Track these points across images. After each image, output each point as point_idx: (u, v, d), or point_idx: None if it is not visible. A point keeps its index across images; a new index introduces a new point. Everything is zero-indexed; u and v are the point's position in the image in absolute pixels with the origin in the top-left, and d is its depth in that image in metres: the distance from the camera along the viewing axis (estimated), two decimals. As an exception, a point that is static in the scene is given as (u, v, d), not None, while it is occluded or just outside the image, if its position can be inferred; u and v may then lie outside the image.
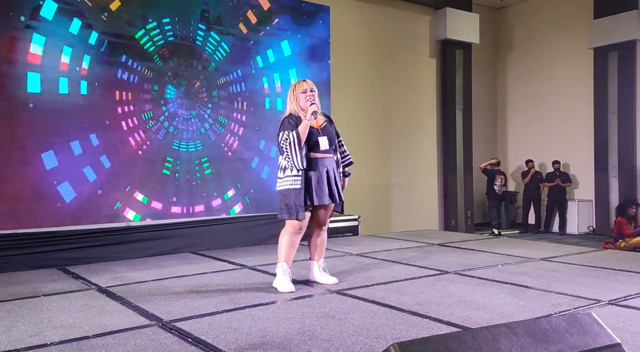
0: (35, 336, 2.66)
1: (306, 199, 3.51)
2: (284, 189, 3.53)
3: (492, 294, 3.37)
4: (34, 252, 4.50)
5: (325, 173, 3.58)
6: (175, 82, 5.30)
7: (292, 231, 3.55)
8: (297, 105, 3.58)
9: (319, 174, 3.54)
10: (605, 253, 5.14)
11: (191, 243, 5.33)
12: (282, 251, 3.57)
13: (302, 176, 3.48)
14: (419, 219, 8.59)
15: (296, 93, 3.60)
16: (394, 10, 8.50)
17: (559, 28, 9.97)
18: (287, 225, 3.57)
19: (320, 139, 3.56)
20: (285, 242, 3.56)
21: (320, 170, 3.56)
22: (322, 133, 3.59)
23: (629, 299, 3.24)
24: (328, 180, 3.59)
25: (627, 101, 8.95)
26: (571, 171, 9.82)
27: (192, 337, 2.60)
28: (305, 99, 3.57)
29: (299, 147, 3.44)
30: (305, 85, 3.62)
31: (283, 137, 3.48)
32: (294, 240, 3.58)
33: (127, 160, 5.00)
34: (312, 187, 3.51)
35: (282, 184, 3.54)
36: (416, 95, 8.81)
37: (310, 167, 3.52)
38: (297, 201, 3.48)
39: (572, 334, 1.68)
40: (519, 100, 10.71)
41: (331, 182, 3.61)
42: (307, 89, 3.60)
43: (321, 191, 3.54)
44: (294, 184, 3.49)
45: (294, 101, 3.60)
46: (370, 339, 2.52)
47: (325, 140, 3.58)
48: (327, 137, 3.60)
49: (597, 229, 9.38)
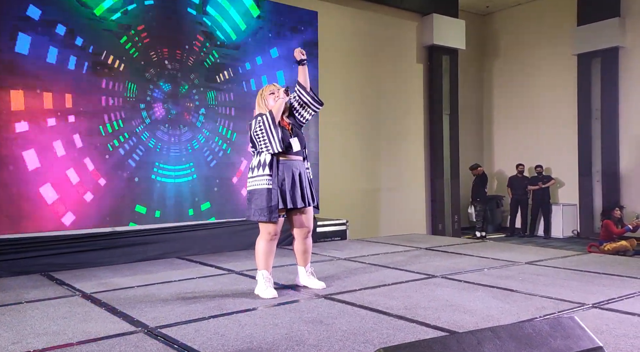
0: (18, 344, 2.62)
1: (278, 202, 3.44)
2: (255, 189, 3.44)
3: (478, 298, 3.40)
4: (17, 258, 4.43)
5: (298, 176, 3.54)
6: (161, 85, 5.28)
7: (267, 238, 3.50)
8: (267, 107, 3.57)
9: (291, 176, 3.50)
10: (589, 257, 5.20)
11: (178, 248, 5.29)
12: (260, 260, 3.54)
13: (274, 175, 3.42)
14: (406, 223, 8.63)
15: (264, 96, 3.61)
16: (381, 16, 8.56)
17: (544, 34, 10.12)
18: (262, 231, 3.51)
19: (292, 141, 3.54)
20: (262, 251, 3.51)
21: (293, 172, 3.52)
22: (292, 134, 3.58)
23: (612, 302, 3.29)
24: (300, 182, 3.55)
25: (610, 107, 9.10)
26: (555, 175, 9.94)
27: (178, 343, 2.58)
28: (274, 100, 3.57)
29: (274, 126, 3.39)
30: (272, 87, 3.64)
31: (257, 122, 3.43)
32: (270, 247, 3.53)
33: (112, 165, 4.96)
34: (284, 189, 3.46)
35: (254, 184, 3.46)
36: (403, 100, 8.87)
37: (282, 169, 3.48)
38: (270, 202, 3.40)
39: (555, 337, 1.70)
40: (505, 105, 10.83)
41: (304, 185, 3.56)
42: (274, 90, 3.61)
43: (294, 193, 3.49)
44: (266, 184, 3.42)
45: (262, 104, 3.60)
46: (357, 344, 2.53)
47: (296, 141, 3.56)
48: (297, 138, 3.59)
49: (582, 232, 9.50)
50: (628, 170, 8.98)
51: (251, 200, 3.47)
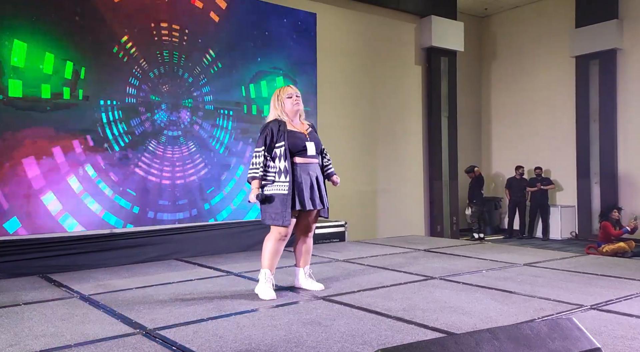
0: (16, 346, 2.61)
1: (296, 204, 3.47)
2: (274, 194, 3.48)
3: (476, 300, 3.40)
4: (15, 260, 4.42)
5: (315, 179, 3.58)
6: (159, 90, 5.28)
7: (277, 237, 3.52)
8: (283, 111, 3.57)
9: (308, 179, 3.53)
10: (588, 258, 5.21)
11: (176, 250, 5.28)
12: (265, 258, 3.54)
13: (289, 181, 3.46)
14: (405, 225, 8.63)
15: (281, 98, 3.59)
16: (379, 18, 8.57)
17: (542, 37, 10.14)
18: (273, 231, 3.54)
19: (308, 144, 3.56)
20: (270, 250, 3.53)
21: (310, 175, 3.55)
22: (309, 138, 3.60)
23: (610, 304, 3.29)
24: (318, 185, 3.59)
25: (608, 109, 9.13)
26: (554, 177, 9.96)
27: (176, 345, 2.58)
28: (291, 103, 3.58)
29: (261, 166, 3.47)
30: (291, 90, 3.62)
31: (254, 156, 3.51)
32: (278, 247, 3.55)
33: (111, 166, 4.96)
34: (303, 192, 3.48)
35: (270, 189, 3.50)
36: (402, 102, 8.88)
37: (299, 173, 3.51)
38: (285, 207, 3.45)
39: (554, 339, 1.70)
40: (503, 107, 10.85)
41: (320, 188, 3.61)
42: (292, 94, 3.60)
43: (312, 196, 3.53)
44: (282, 190, 3.46)
45: (278, 107, 3.59)
46: (356, 346, 2.53)
47: (312, 145, 3.58)
48: (314, 142, 3.61)
49: (580, 234, 9.51)
50: (626, 171, 9.00)
51: (266, 204, 3.49)
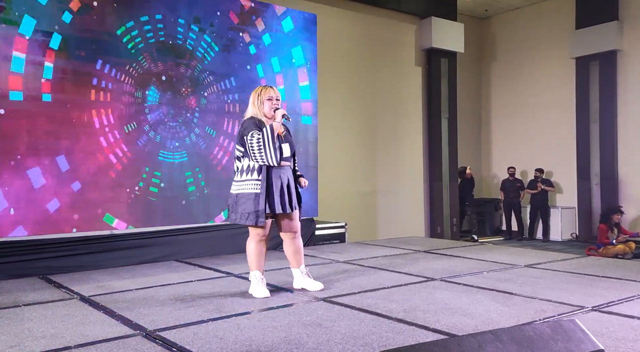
0: (16, 347, 2.60)
1: (266, 207, 3.45)
2: (243, 193, 3.45)
3: (477, 301, 3.39)
4: (15, 261, 4.41)
5: (287, 181, 3.57)
6: (160, 86, 5.27)
7: (256, 239, 3.54)
8: (261, 111, 3.55)
9: (279, 182, 3.52)
10: (588, 260, 5.20)
11: (176, 251, 5.27)
12: (252, 261, 3.58)
13: (262, 179, 3.43)
14: (405, 226, 8.63)
15: (262, 98, 3.56)
16: (380, 19, 8.57)
17: (542, 38, 10.14)
18: (251, 233, 3.56)
19: (283, 146, 3.55)
20: (252, 252, 3.56)
21: (281, 178, 3.54)
22: (284, 140, 3.58)
23: (611, 305, 3.28)
24: (289, 188, 3.58)
25: (608, 110, 9.13)
26: (554, 178, 9.96)
27: (176, 347, 2.57)
28: (269, 106, 3.55)
29: (273, 142, 3.39)
30: (272, 92, 3.58)
31: (254, 137, 3.39)
32: (260, 248, 3.57)
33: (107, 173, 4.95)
34: (273, 194, 3.47)
35: (241, 188, 3.47)
36: (402, 103, 8.88)
37: (271, 175, 3.48)
38: (257, 207, 3.42)
39: (557, 340, 1.69)
40: (503, 108, 10.85)
41: (291, 190, 3.60)
42: (273, 96, 3.57)
43: (282, 199, 3.52)
44: (254, 188, 3.43)
45: (257, 105, 3.56)
46: (357, 347, 2.52)
47: (287, 146, 3.58)
48: (288, 144, 3.60)
49: (580, 236, 9.50)
50: (626, 173, 8.99)
51: (237, 203, 3.47)
